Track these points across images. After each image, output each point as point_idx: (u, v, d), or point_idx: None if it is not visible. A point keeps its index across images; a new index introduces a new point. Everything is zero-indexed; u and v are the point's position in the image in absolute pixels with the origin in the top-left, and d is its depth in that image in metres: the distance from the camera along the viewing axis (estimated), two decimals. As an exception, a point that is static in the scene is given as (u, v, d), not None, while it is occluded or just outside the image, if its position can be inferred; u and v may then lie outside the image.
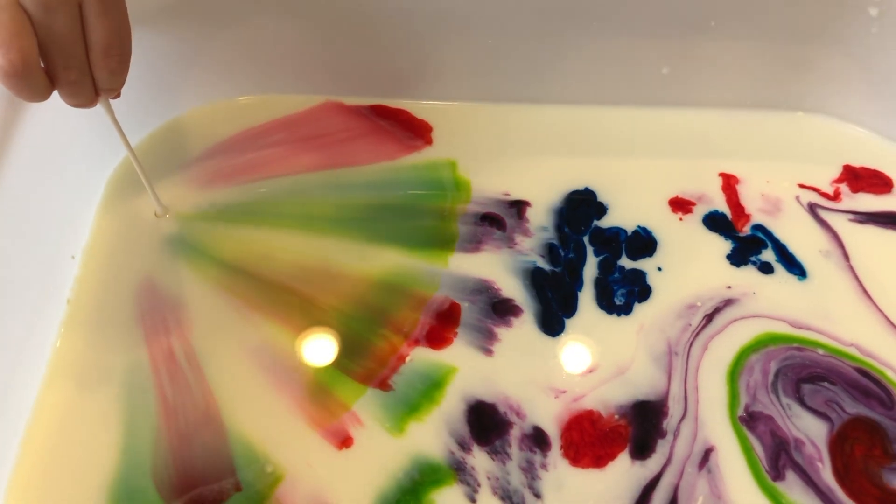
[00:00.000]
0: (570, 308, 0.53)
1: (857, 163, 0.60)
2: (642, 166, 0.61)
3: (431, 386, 0.51)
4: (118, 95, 0.48)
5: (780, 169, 0.60)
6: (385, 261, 0.58)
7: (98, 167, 0.60)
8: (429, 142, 0.65)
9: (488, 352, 0.51)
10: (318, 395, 0.51)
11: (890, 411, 0.46)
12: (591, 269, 0.55)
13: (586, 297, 0.53)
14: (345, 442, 0.48)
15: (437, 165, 0.64)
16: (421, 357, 0.52)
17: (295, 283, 0.58)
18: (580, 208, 0.59)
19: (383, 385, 0.51)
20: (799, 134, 0.64)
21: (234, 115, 0.64)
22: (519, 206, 0.59)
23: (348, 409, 0.50)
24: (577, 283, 0.54)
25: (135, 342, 0.53)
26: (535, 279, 0.55)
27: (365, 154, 0.65)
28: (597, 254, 0.55)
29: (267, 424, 0.50)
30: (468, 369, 0.51)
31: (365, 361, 0.53)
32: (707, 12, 0.61)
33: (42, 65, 0.44)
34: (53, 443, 0.48)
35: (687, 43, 0.63)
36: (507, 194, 0.60)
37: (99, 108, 0.50)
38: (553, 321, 0.52)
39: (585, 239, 0.57)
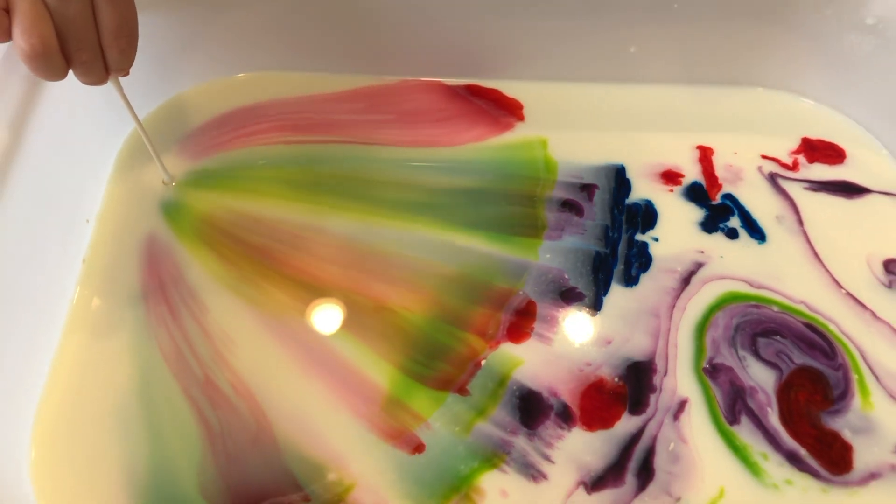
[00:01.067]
0: (608, 286, 0.55)
1: (813, 135, 0.63)
2: (623, 140, 0.62)
3: (498, 384, 0.51)
4: (127, 73, 0.51)
5: (744, 141, 0.62)
6: (468, 253, 0.57)
7: (109, 140, 0.62)
8: (521, 118, 0.64)
9: (547, 339, 0.52)
10: (392, 408, 0.50)
11: (832, 361, 0.50)
12: (621, 246, 0.58)
13: (617, 273, 0.56)
14: (417, 448, 0.47)
15: (531, 144, 0.63)
16: (495, 354, 0.52)
17: (353, 277, 0.56)
18: (622, 188, 0.60)
19: (462, 391, 0.51)
20: (760, 108, 0.66)
21: (234, 90, 0.66)
22: (589, 190, 0.60)
23: (425, 421, 0.49)
24: (615, 261, 0.56)
25: (142, 299, 0.54)
26: (594, 263, 0.56)
27: (453, 133, 0.64)
28: (626, 230, 0.58)
29: (330, 439, 0.48)
30: (529, 360, 0.51)
31: (442, 366, 0.52)
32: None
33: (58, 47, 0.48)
34: (74, 385, 0.51)
35: (652, 23, 0.64)
36: (580, 178, 0.60)
37: (110, 87, 0.51)
38: (598, 301, 0.54)
39: (623, 217, 0.59)
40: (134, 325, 0.54)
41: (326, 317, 0.54)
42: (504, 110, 0.66)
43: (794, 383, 0.49)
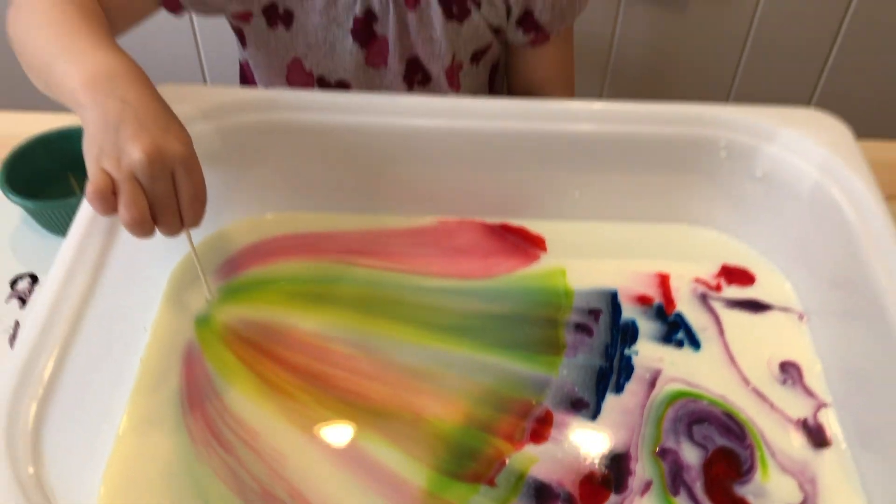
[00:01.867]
0: (605, 394, 0.62)
1: (730, 263, 0.73)
2: (611, 268, 0.73)
3: (518, 478, 0.57)
4: (198, 227, 0.59)
5: (683, 268, 0.72)
6: (498, 371, 0.64)
7: (164, 264, 0.71)
8: (544, 249, 0.74)
9: (558, 441, 0.59)
10: (430, 501, 0.55)
11: (742, 442, 0.59)
12: (615, 360, 0.65)
13: (611, 383, 0.63)
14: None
15: (553, 274, 0.72)
16: (517, 455, 0.59)
17: (393, 392, 0.62)
18: (616, 311, 0.69)
19: (490, 483, 0.57)
20: (689, 241, 0.75)
21: (267, 226, 0.76)
22: (595, 314, 0.68)
23: (459, 509, 0.53)
24: (611, 374, 0.64)
25: (183, 404, 0.62)
26: (598, 377, 0.63)
27: (490, 266, 0.72)
28: (620, 347, 0.66)
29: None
30: (542, 459, 0.58)
31: (473, 465, 0.58)
32: (597, 155, 0.73)
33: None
34: (130, 470, 0.57)
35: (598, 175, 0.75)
36: (588, 303, 0.69)
37: None
38: (598, 408, 0.61)
39: (619, 336, 0.67)
40: (179, 436, 0.60)
41: (369, 427, 0.60)
42: (530, 243, 0.75)
43: (715, 461, 0.58)
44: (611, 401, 0.62)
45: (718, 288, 0.72)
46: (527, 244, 0.75)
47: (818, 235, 0.69)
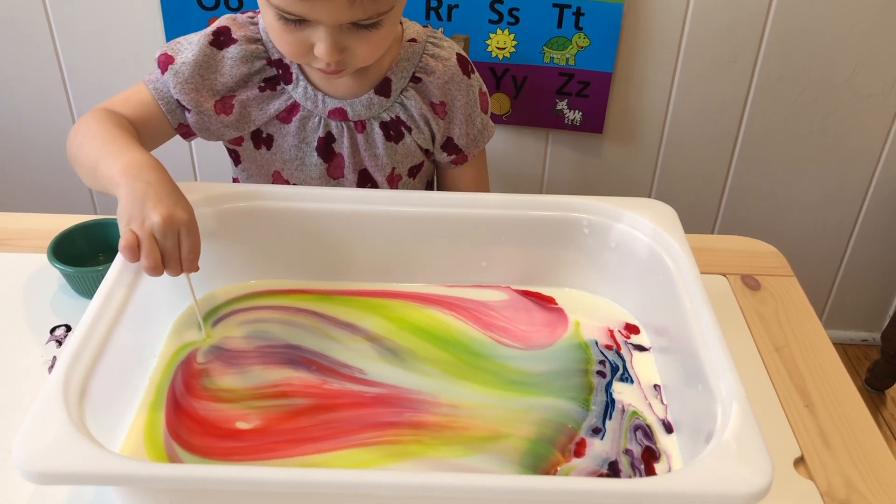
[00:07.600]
0: (605, 420, 0.83)
1: (627, 320, 0.94)
2: (591, 325, 0.95)
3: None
4: (196, 270, 0.77)
5: (611, 321, 0.94)
6: (552, 408, 0.83)
7: (170, 312, 0.88)
8: (555, 303, 0.96)
9: (587, 456, 0.78)
10: None
11: (652, 439, 0.78)
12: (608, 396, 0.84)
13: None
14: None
15: (576, 331, 0.94)
16: (564, 466, 0.77)
17: (476, 424, 0.81)
18: (607, 357, 0.91)
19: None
20: (586, 302, 0.96)
21: (247, 289, 0.94)
22: (603, 364, 0.89)
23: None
24: (608, 406, 0.85)
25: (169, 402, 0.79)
26: (604, 407, 0.84)
27: (547, 336, 0.94)
28: (610, 386, 0.87)
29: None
30: (577, 466, 0.77)
31: (543, 465, 0.76)
32: (496, 233, 0.92)
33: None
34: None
35: (492, 249, 0.92)
36: (597, 354, 0.90)
37: (175, 286, 0.79)
38: (603, 430, 0.82)
39: (611, 378, 0.87)
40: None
41: (456, 444, 0.79)
42: (548, 301, 0.95)
43: (645, 452, 0.79)
44: (608, 424, 0.83)
45: (628, 335, 0.93)
46: (550, 304, 0.98)
47: (652, 284, 0.88)
